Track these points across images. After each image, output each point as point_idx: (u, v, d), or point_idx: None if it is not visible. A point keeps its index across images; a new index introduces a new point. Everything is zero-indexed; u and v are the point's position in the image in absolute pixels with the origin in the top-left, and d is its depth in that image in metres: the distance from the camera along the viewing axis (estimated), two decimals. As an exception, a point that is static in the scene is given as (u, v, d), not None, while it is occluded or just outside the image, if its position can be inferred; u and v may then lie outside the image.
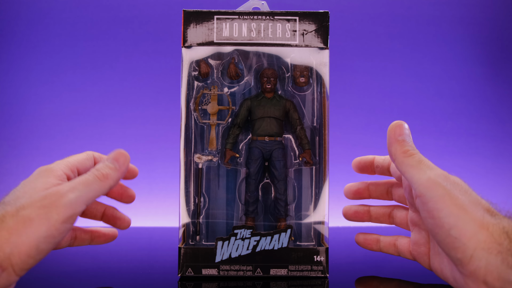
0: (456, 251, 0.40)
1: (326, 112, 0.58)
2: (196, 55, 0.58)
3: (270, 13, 0.57)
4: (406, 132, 0.48)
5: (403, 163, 0.46)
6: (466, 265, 0.40)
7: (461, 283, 0.42)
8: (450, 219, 0.40)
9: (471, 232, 0.39)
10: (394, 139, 0.47)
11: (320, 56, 0.58)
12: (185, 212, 0.57)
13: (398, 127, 0.48)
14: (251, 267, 0.55)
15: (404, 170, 0.46)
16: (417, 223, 0.52)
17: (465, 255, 0.39)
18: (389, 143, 0.48)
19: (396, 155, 0.47)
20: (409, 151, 0.46)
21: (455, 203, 0.41)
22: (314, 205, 0.58)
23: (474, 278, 0.39)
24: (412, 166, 0.45)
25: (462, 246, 0.40)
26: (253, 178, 0.58)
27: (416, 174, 0.44)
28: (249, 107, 0.59)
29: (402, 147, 0.46)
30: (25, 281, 0.55)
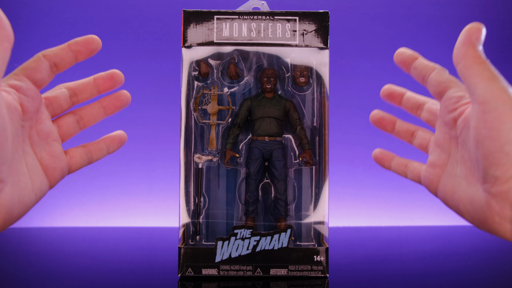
0: (499, 167, 0.39)
1: (326, 112, 0.58)
2: (196, 55, 0.58)
3: (270, 13, 0.57)
4: (482, 39, 0.44)
5: (471, 67, 0.42)
6: (501, 184, 0.38)
7: (477, 205, 0.41)
8: (510, 134, 0.38)
9: None
10: (469, 40, 0.43)
11: (320, 56, 0.58)
12: (185, 212, 0.57)
13: (478, 30, 0.44)
14: (251, 267, 0.55)
15: (469, 74, 0.42)
16: (441, 144, 0.49)
17: (506, 174, 0.38)
18: (461, 43, 0.44)
19: (466, 56, 0.43)
20: (481, 58, 0.43)
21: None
22: (314, 205, 0.58)
23: (502, 199, 0.38)
24: (481, 73, 0.42)
25: (509, 163, 0.38)
26: (253, 178, 0.58)
27: (483, 81, 0.41)
28: (249, 107, 0.59)
29: (475, 52, 0.43)
30: (25, 281, 0.55)
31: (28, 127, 0.44)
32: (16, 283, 0.54)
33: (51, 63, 0.46)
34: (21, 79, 0.44)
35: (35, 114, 0.45)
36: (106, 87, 0.51)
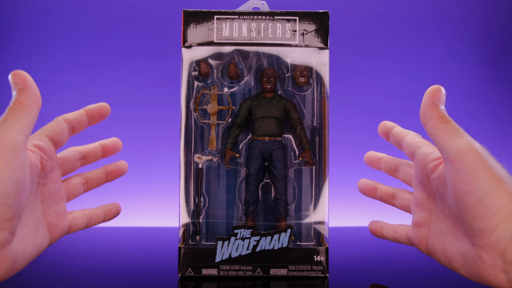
0: (482, 220, 0.39)
1: (326, 112, 0.58)
2: (196, 55, 0.58)
3: (270, 13, 0.57)
4: (443, 99, 0.47)
5: (438, 127, 0.45)
6: (487, 236, 0.39)
7: (469, 258, 0.42)
8: (485, 186, 0.40)
9: (504, 202, 0.39)
10: (431, 102, 0.46)
11: (320, 56, 0.58)
12: (185, 212, 0.57)
13: (438, 91, 0.47)
14: (251, 267, 0.55)
15: (437, 134, 0.44)
16: (421, 203, 0.50)
17: (490, 225, 0.39)
18: (425, 106, 0.46)
19: (431, 118, 0.45)
20: (446, 117, 0.45)
21: (492, 171, 0.40)
22: (314, 205, 0.58)
23: (491, 250, 0.39)
24: (448, 131, 0.44)
25: (491, 215, 0.39)
26: (253, 178, 0.58)
27: (452, 139, 0.43)
28: (249, 107, 0.59)
29: (438, 112, 0.45)
30: (25, 281, 0.55)
31: (42, 184, 0.47)
32: (16, 283, 0.54)
33: (69, 126, 0.51)
34: (44, 140, 0.47)
35: (50, 172, 0.48)
36: (110, 153, 0.57)
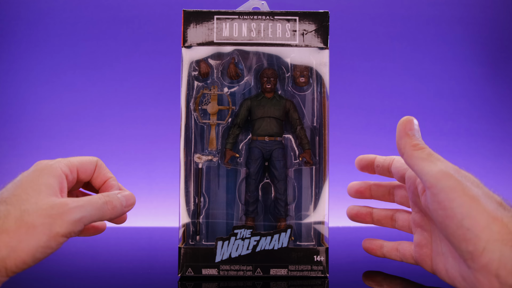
0: (468, 243, 0.39)
1: (326, 112, 0.58)
2: (196, 55, 0.58)
3: (270, 13, 0.57)
4: (416, 128, 0.48)
5: (412, 156, 0.46)
6: (477, 258, 0.39)
7: (469, 280, 0.41)
8: (462, 209, 0.40)
9: (484, 223, 0.39)
10: (404, 132, 0.47)
11: (320, 56, 0.58)
12: (185, 212, 0.57)
13: (409, 122, 0.48)
14: (251, 267, 0.55)
15: (413, 163, 0.45)
16: (420, 224, 0.51)
17: (477, 247, 0.39)
18: (399, 137, 0.48)
19: (405, 148, 0.47)
20: (419, 145, 0.46)
21: (468, 193, 0.40)
22: (314, 205, 0.58)
23: (486, 272, 0.38)
24: (422, 159, 0.45)
25: (475, 237, 0.39)
26: (253, 178, 0.58)
27: (426, 166, 0.44)
28: (249, 107, 0.59)
29: (412, 141, 0.47)
30: (24, 280, 0.55)
31: None
32: (16, 283, 0.54)
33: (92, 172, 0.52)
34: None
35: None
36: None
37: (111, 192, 0.49)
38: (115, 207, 0.47)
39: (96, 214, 0.45)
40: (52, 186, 0.45)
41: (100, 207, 0.46)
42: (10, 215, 0.41)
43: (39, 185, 0.44)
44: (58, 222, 0.42)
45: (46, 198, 0.43)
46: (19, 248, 0.40)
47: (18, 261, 0.40)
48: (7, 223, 0.40)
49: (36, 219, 0.41)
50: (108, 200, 0.47)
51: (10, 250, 0.40)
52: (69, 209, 0.43)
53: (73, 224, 0.43)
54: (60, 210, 0.42)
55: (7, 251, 0.40)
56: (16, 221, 0.41)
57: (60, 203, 0.43)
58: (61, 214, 0.42)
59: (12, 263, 0.40)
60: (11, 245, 0.40)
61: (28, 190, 0.43)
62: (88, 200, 0.45)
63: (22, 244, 0.40)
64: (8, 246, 0.40)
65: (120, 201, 0.48)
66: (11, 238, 0.40)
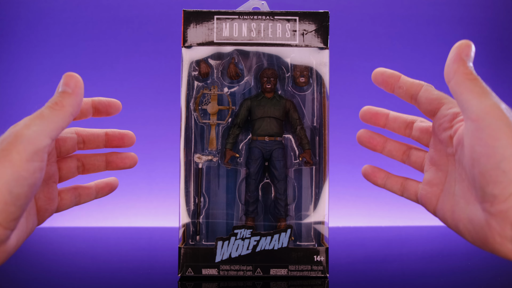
0: (496, 185, 0.37)
1: (326, 112, 0.58)
2: (196, 55, 0.58)
3: (270, 13, 0.57)
4: (472, 56, 0.44)
5: (463, 84, 0.42)
6: (499, 203, 0.37)
7: (477, 224, 0.40)
8: (505, 151, 0.37)
9: None
10: (459, 57, 0.43)
11: (320, 56, 0.58)
12: (185, 212, 0.57)
13: (467, 47, 0.43)
14: (251, 267, 0.55)
15: (461, 92, 0.42)
16: (437, 162, 0.48)
17: (504, 192, 0.37)
18: (452, 60, 0.43)
19: (457, 73, 0.42)
20: (473, 74, 0.42)
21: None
22: (314, 205, 0.58)
23: (502, 218, 0.37)
24: (473, 90, 0.41)
25: (507, 181, 0.37)
26: (253, 178, 0.58)
27: (476, 97, 0.40)
28: (249, 107, 0.59)
29: (466, 68, 0.43)
30: (24, 280, 0.55)
31: None
32: (16, 283, 0.54)
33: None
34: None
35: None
36: (115, 145, 0.52)
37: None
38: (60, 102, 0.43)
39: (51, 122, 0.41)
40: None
41: (48, 113, 0.42)
42: None
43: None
44: (13, 150, 0.38)
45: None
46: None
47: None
48: None
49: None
50: (50, 102, 0.42)
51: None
52: (17, 134, 0.40)
53: (29, 143, 0.39)
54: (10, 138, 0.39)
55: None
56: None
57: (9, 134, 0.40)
58: (12, 142, 0.39)
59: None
60: None
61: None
62: (33, 115, 0.41)
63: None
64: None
65: (60, 94, 0.43)
66: None
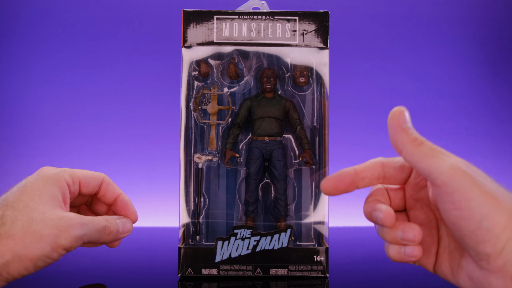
0: (486, 244, 0.37)
1: (326, 112, 0.58)
2: (196, 55, 0.58)
3: (270, 13, 0.57)
4: (409, 119, 0.43)
5: (414, 152, 0.40)
6: (494, 260, 0.37)
7: (478, 282, 0.39)
8: (482, 209, 0.37)
9: (504, 221, 0.36)
10: (399, 127, 0.42)
11: (320, 56, 0.58)
12: (185, 212, 0.57)
13: (401, 113, 0.42)
14: (251, 267, 0.55)
15: (417, 160, 0.40)
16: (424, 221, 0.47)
17: (495, 248, 0.36)
18: (394, 133, 0.42)
19: (404, 144, 0.41)
20: (418, 139, 0.41)
21: (485, 191, 0.37)
22: (314, 205, 0.58)
23: (502, 274, 0.37)
24: (427, 155, 0.40)
25: (494, 238, 0.36)
26: (253, 178, 0.58)
27: (434, 163, 0.39)
28: (249, 107, 0.59)
29: (410, 135, 0.41)
30: (25, 280, 0.55)
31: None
32: (16, 282, 0.54)
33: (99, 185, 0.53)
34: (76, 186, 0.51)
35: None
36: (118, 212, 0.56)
37: (112, 216, 0.50)
38: (111, 232, 0.49)
39: (95, 236, 0.46)
40: (57, 197, 0.46)
41: (100, 229, 0.47)
42: (17, 221, 0.42)
43: (45, 195, 0.45)
44: (63, 234, 0.43)
45: (53, 209, 0.44)
46: (23, 254, 0.41)
47: (21, 267, 0.41)
48: (14, 229, 0.41)
49: (43, 229, 0.42)
50: (107, 225, 0.48)
51: (15, 255, 0.40)
52: (74, 224, 0.44)
53: (76, 239, 0.44)
54: (67, 223, 0.43)
55: (12, 256, 0.40)
56: (23, 228, 0.41)
57: (68, 217, 0.44)
58: (67, 227, 0.43)
59: (15, 268, 0.41)
60: (16, 251, 0.40)
61: (35, 198, 0.44)
62: (91, 220, 0.46)
63: (26, 250, 0.41)
64: (13, 251, 0.40)
65: (117, 227, 0.50)
66: (17, 244, 0.41)
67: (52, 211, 0.44)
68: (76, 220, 0.44)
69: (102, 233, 0.47)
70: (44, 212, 0.43)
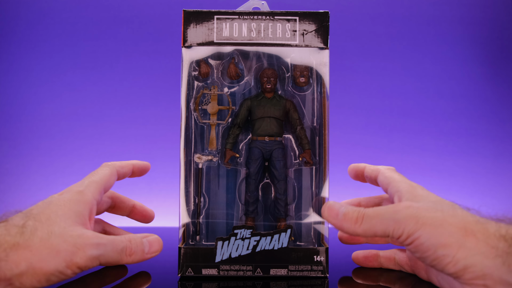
0: (449, 266, 0.40)
1: (326, 112, 0.58)
2: (196, 55, 0.58)
3: (270, 13, 0.57)
4: (336, 206, 0.47)
5: (368, 229, 0.44)
6: (462, 276, 0.40)
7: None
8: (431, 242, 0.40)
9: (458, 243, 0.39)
10: (337, 222, 0.47)
11: (320, 56, 0.58)
12: (185, 212, 0.57)
13: (329, 209, 0.48)
14: (251, 267, 0.55)
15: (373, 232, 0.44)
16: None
17: (458, 268, 0.39)
18: (338, 228, 0.47)
19: (352, 231, 0.45)
20: (356, 217, 0.45)
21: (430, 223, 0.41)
22: (314, 205, 0.58)
23: (474, 285, 0.39)
24: (371, 223, 0.44)
25: (453, 260, 0.39)
26: (253, 178, 0.58)
27: (378, 224, 0.43)
28: (249, 107, 0.59)
29: (350, 221, 0.45)
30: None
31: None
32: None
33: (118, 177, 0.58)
34: (98, 199, 0.52)
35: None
36: (136, 218, 0.64)
37: (138, 235, 0.50)
38: (133, 253, 0.47)
39: (113, 256, 0.46)
40: (82, 213, 0.46)
41: (120, 250, 0.46)
42: (37, 232, 0.42)
43: (69, 210, 0.45)
44: (79, 253, 0.43)
45: (73, 226, 0.44)
46: (38, 267, 0.41)
47: (34, 280, 0.41)
48: (32, 240, 0.41)
49: (60, 244, 0.42)
50: (128, 246, 0.47)
51: (29, 267, 0.40)
52: (91, 244, 0.44)
53: (91, 259, 0.44)
54: (84, 242, 0.43)
55: (26, 267, 0.40)
56: (41, 240, 0.41)
57: (86, 235, 0.44)
58: (84, 246, 0.43)
59: (28, 280, 0.40)
60: (31, 262, 0.40)
61: (58, 212, 0.44)
62: (111, 240, 0.46)
63: (41, 263, 0.41)
64: (28, 262, 0.40)
65: (142, 247, 0.49)
66: (33, 255, 0.41)
67: (72, 227, 0.44)
68: (94, 240, 0.44)
69: (122, 254, 0.46)
70: (65, 227, 0.43)
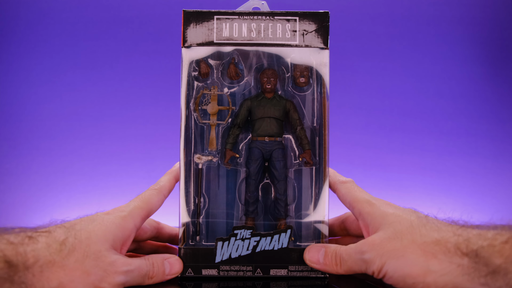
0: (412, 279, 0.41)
1: (326, 112, 0.58)
2: (196, 55, 0.58)
3: (270, 13, 0.57)
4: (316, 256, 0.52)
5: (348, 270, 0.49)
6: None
7: None
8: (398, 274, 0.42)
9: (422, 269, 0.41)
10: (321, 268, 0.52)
11: (320, 56, 0.58)
12: (185, 212, 0.57)
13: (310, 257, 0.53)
14: (251, 268, 0.55)
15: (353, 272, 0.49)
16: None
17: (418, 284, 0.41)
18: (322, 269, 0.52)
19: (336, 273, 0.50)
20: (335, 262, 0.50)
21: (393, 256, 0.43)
22: (314, 205, 0.58)
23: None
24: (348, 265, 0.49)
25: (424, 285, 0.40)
26: (253, 178, 0.58)
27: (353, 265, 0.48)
28: (249, 107, 0.59)
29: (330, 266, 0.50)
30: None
31: None
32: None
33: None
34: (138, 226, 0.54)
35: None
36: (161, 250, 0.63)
37: (160, 257, 0.51)
38: (154, 276, 0.49)
39: (138, 281, 0.47)
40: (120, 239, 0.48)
41: (144, 275, 0.48)
42: (74, 253, 0.43)
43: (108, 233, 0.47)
44: (108, 279, 0.44)
45: (108, 251, 0.45)
46: (67, 286, 0.42)
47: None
48: (68, 260, 0.42)
49: (92, 268, 0.43)
50: (151, 270, 0.49)
51: (59, 285, 0.41)
52: (120, 272, 0.45)
53: (118, 285, 0.45)
54: (115, 269, 0.44)
55: (57, 285, 0.41)
56: (76, 261, 0.42)
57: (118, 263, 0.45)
58: (113, 273, 0.44)
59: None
60: (62, 281, 0.41)
61: (98, 233, 0.46)
62: (138, 266, 0.47)
63: (71, 284, 0.42)
64: (59, 280, 0.41)
65: (163, 268, 0.51)
66: (66, 275, 0.41)
67: (107, 252, 0.45)
68: (123, 268, 0.45)
69: (144, 277, 0.48)
70: (100, 250, 0.44)
